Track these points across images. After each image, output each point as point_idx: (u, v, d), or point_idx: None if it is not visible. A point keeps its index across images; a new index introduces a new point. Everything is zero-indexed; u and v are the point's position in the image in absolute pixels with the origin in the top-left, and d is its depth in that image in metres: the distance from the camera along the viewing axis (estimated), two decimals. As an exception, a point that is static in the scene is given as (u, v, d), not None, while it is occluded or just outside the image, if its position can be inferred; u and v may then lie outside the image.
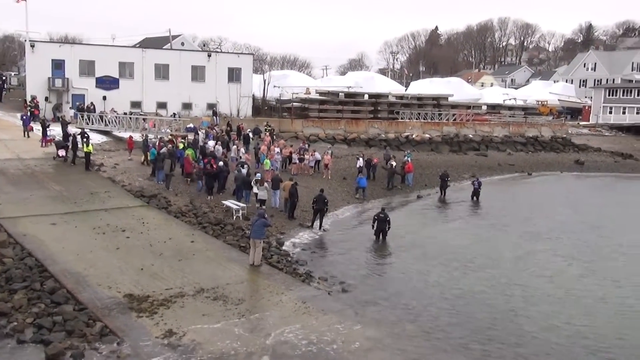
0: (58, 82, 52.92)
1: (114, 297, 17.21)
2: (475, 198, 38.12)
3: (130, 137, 38.91)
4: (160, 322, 15.88)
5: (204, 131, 43.79)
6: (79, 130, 39.29)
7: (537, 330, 17.48)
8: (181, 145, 35.91)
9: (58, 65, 53.17)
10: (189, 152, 33.93)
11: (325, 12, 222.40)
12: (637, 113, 76.56)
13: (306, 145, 42.69)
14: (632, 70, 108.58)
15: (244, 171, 30.93)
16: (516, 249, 26.58)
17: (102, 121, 44.26)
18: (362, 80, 78.27)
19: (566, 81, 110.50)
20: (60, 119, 44.74)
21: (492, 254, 25.35)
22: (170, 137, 37.93)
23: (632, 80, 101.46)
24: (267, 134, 46.15)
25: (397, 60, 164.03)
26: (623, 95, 79.39)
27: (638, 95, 78.02)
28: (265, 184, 29.28)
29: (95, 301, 16.86)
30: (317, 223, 28.17)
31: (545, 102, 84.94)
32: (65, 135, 37.67)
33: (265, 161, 35.68)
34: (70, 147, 35.28)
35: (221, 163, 31.66)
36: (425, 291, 20.40)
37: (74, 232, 22.74)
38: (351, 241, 26.73)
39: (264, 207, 28.49)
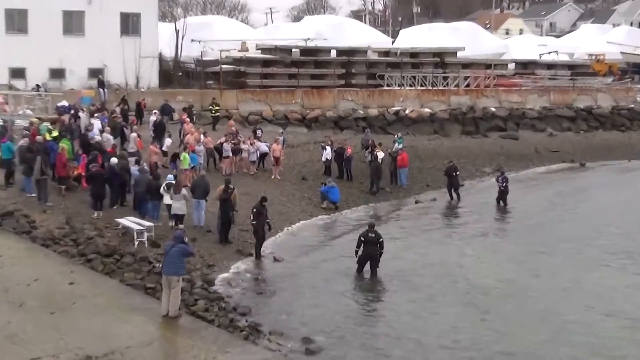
0: None
1: (-51, 374, 16.74)
2: (501, 203, 38.48)
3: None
4: (24, 412, 15.48)
5: (85, 112, 43.11)
6: None
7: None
8: (49, 135, 35.34)
9: None
10: (64, 144, 33.44)
11: None
12: None
13: (259, 132, 42.71)
14: None
15: (142, 169, 30.75)
16: (566, 286, 26.70)
17: None
18: (326, 28, 78.17)
19: (631, 24, 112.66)
20: None
21: (530, 297, 25.43)
22: (32, 122, 37.29)
23: None
24: (186, 115, 45.79)
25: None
26: None
27: None
28: (184, 191, 29.00)
29: None
30: (263, 249, 28.23)
31: (602, 57, 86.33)
32: None
33: (183, 155, 35.39)
34: None
35: (114, 160, 31.19)
36: (426, 355, 20.39)
37: None
38: (318, 274, 26.60)
39: (181, 225, 28.10)
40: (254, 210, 28.12)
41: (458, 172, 40.51)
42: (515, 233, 33.96)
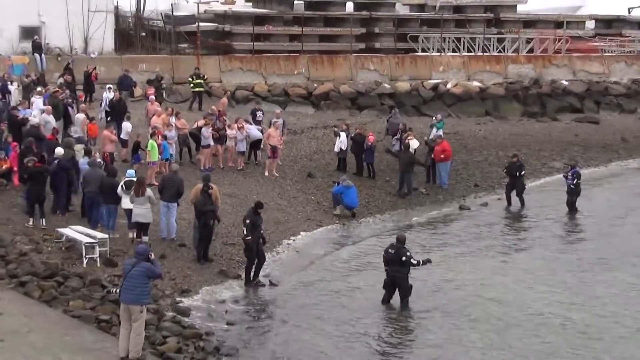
0: None
1: None
2: (571, 208, 38.85)
3: None
4: None
5: (17, 85, 43.15)
6: None
7: None
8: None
9: None
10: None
11: None
12: None
13: (260, 115, 42.75)
14: None
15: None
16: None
17: None
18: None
19: None
20: None
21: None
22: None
23: None
24: (153, 91, 45.84)
25: None
26: None
27: None
28: (149, 192, 29.01)
29: None
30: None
31: None
32: None
33: (150, 143, 35.26)
34: None
35: (60, 151, 31.03)
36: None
37: None
38: (327, 304, 26.71)
39: (146, 238, 28.23)
40: (248, 221, 27.94)
41: (524, 172, 40.31)
42: (584, 250, 34.05)
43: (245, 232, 27.91)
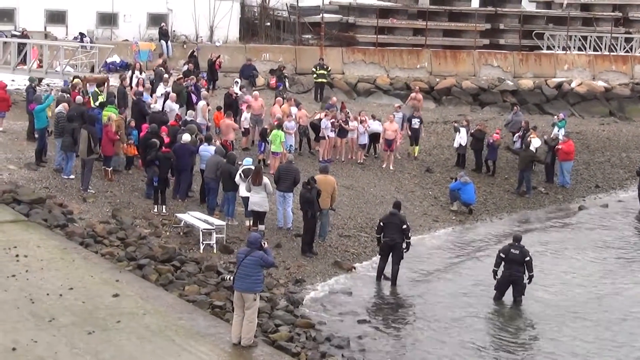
0: None
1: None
2: None
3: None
4: None
5: (141, 71, 43.73)
6: None
7: None
8: (93, 102, 35.63)
9: None
10: (110, 112, 33.90)
11: None
12: None
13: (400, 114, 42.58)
14: None
15: (209, 148, 31.00)
16: None
17: None
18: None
19: None
20: None
21: None
22: (76, 82, 37.94)
23: None
24: (275, 80, 46.13)
25: None
26: None
27: None
28: (265, 180, 29.23)
29: None
30: (387, 271, 28.15)
31: None
32: None
33: (275, 134, 35.14)
34: None
35: (187, 137, 31.20)
36: None
37: None
38: (439, 298, 26.69)
39: (262, 226, 28.46)
40: (383, 220, 27.99)
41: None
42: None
43: (379, 233, 28.09)
